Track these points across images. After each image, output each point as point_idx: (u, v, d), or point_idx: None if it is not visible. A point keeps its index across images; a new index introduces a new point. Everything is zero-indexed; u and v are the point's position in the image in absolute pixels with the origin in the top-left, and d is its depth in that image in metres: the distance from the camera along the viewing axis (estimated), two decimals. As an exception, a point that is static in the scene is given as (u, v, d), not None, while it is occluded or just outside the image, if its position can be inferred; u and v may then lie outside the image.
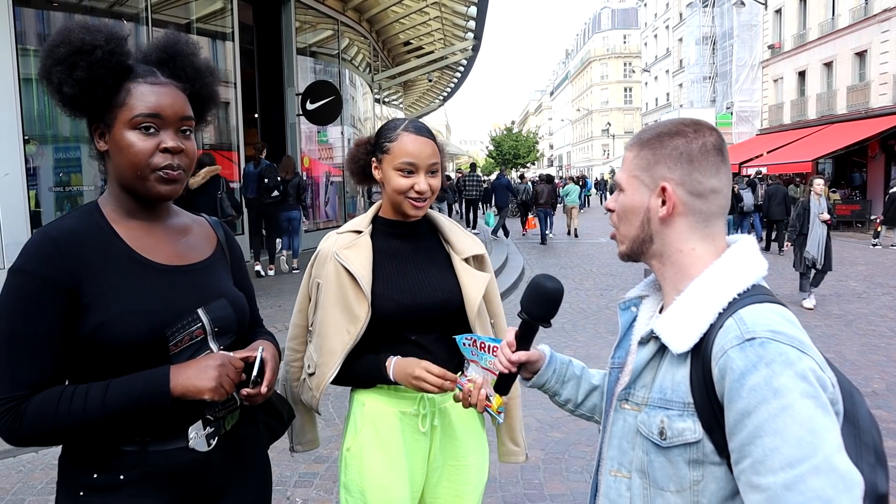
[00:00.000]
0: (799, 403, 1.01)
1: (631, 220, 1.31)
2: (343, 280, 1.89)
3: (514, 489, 4.06)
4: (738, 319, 1.11)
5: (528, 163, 59.65)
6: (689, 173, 1.24)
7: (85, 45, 1.37)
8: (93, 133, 1.47)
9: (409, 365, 1.83)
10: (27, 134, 8.56)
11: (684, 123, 1.28)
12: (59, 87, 1.39)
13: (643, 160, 1.28)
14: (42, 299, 1.34)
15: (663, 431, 1.17)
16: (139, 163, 1.41)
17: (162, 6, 11.12)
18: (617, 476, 1.28)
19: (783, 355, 1.05)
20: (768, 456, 1.01)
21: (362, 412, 1.95)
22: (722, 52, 36.30)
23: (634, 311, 1.42)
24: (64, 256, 1.37)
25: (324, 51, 16.93)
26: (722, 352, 1.09)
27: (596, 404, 1.61)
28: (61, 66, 1.37)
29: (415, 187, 1.88)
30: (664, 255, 1.29)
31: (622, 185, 1.33)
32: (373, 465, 1.91)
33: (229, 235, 1.75)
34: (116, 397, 1.35)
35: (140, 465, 1.43)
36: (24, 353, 1.33)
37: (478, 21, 19.02)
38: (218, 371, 1.40)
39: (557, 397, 1.62)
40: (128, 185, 1.47)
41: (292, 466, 4.27)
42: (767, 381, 1.03)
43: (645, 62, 58.26)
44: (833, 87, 26.87)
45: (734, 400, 1.06)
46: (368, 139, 2.02)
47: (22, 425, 1.33)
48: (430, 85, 29.35)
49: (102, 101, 1.42)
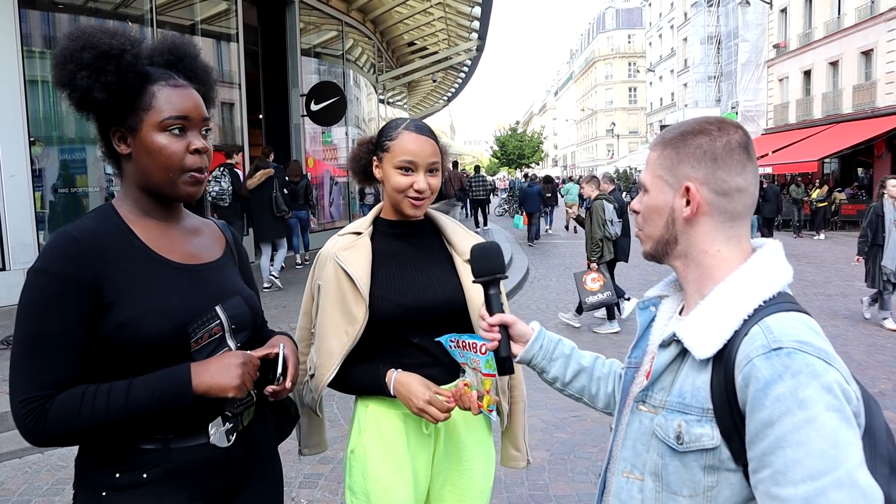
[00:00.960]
0: (823, 416, 1.00)
1: (655, 221, 1.30)
2: (342, 281, 1.89)
3: (520, 490, 4.05)
4: (765, 328, 1.10)
5: (533, 163, 59.64)
6: (714, 172, 1.22)
7: (113, 48, 1.39)
8: (111, 137, 1.47)
9: (411, 390, 1.82)
10: (33, 136, 8.60)
11: (708, 122, 1.26)
12: (86, 92, 1.38)
13: (666, 160, 1.27)
14: (66, 299, 1.35)
15: (680, 436, 1.16)
16: (172, 164, 1.45)
17: (167, 8, 11.15)
18: (629, 477, 1.27)
19: (810, 366, 1.03)
20: (790, 467, 1.00)
21: (366, 414, 1.95)
22: (727, 51, 36.22)
23: (653, 310, 1.41)
24: (87, 257, 1.38)
25: (328, 51, 16.95)
26: (747, 360, 1.08)
27: (584, 386, 1.62)
28: (87, 71, 1.37)
29: (414, 186, 1.88)
30: (688, 256, 1.27)
31: (646, 186, 1.31)
32: (377, 467, 1.90)
33: (237, 238, 1.78)
34: (139, 396, 1.36)
35: (162, 463, 1.45)
36: (47, 353, 1.34)
37: (482, 21, 19.04)
38: (241, 369, 1.43)
39: (545, 374, 1.62)
40: (154, 187, 1.48)
41: (297, 467, 4.27)
42: (793, 391, 1.02)
43: (649, 62, 58.21)
44: (839, 87, 26.79)
45: (757, 409, 1.05)
46: (371, 138, 2.02)
47: (45, 425, 1.33)
48: (435, 85, 29.38)
49: (127, 104, 1.43)
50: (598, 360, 1.66)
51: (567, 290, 10.62)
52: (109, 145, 1.49)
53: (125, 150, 1.47)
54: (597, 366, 1.64)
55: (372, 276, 1.90)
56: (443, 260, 2.01)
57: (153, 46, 1.53)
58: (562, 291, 10.81)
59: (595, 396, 1.62)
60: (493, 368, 1.68)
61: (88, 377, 1.41)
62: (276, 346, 1.57)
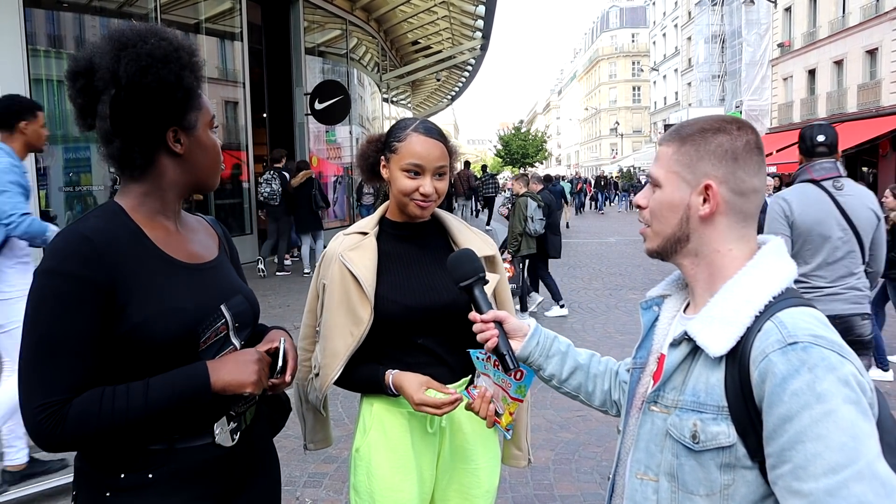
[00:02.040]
0: (842, 409, 1.01)
1: (667, 218, 1.28)
2: (347, 282, 1.89)
3: (524, 490, 4.04)
4: (779, 323, 1.10)
5: (537, 162, 59.60)
6: (734, 171, 1.21)
7: (192, 49, 1.48)
8: (165, 137, 1.46)
9: (410, 387, 1.81)
10: (37, 134, 8.58)
11: (725, 120, 1.25)
12: (191, 90, 1.45)
13: (685, 156, 1.25)
14: (79, 300, 1.32)
15: (696, 435, 1.16)
16: (219, 158, 1.59)
17: (171, 6, 11.17)
18: (643, 479, 1.26)
19: (825, 360, 1.04)
20: (810, 461, 1.01)
21: (371, 413, 1.95)
22: (731, 50, 36.14)
23: (656, 310, 1.40)
24: (101, 256, 1.36)
25: (332, 50, 16.97)
26: (763, 356, 1.08)
27: (581, 383, 1.61)
28: (189, 70, 1.44)
29: (420, 189, 1.86)
30: (699, 254, 1.26)
31: (660, 181, 1.29)
32: (381, 466, 1.90)
33: (227, 233, 1.79)
34: (158, 395, 1.35)
35: (168, 463, 1.44)
36: (62, 356, 1.32)
37: (486, 20, 19.03)
38: (258, 365, 1.46)
39: (542, 371, 1.62)
40: (203, 180, 1.57)
41: (301, 467, 4.27)
42: (810, 385, 1.02)
43: (653, 61, 58.11)
44: (844, 86, 26.71)
45: (775, 404, 1.05)
46: (379, 136, 2.01)
47: (65, 429, 1.30)
48: (439, 84, 29.39)
49: (189, 104, 1.48)
50: (593, 357, 1.66)
51: (565, 288, 10.61)
52: (150, 146, 1.45)
53: (180, 149, 1.49)
54: (592, 363, 1.64)
55: (377, 278, 1.90)
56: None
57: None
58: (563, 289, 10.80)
59: (591, 394, 1.62)
60: (522, 394, 1.69)
61: (101, 379, 1.41)
62: (276, 341, 1.59)
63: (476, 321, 1.60)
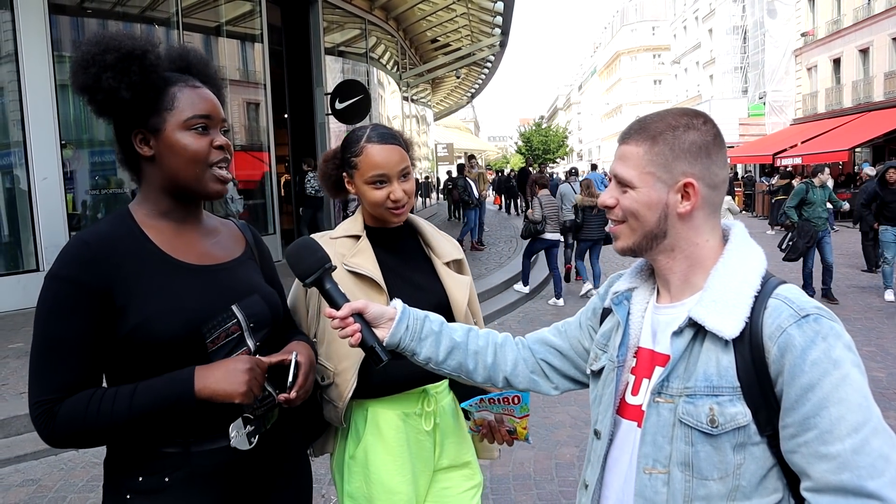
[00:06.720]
0: (853, 372, 1.10)
1: (645, 217, 1.27)
2: (355, 284, 1.85)
3: (549, 486, 4.03)
4: (784, 299, 1.16)
5: (559, 157, 59.40)
6: (708, 167, 1.25)
7: (136, 49, 1.41)
8: (132, 139, 1.48)
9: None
10: (64, 139, 8.75)
11: (688, 114, 1.28)
12: (112, 93, 1.40)
13: (658, 156, 1.25)
14: (74, 303, 1.36)
15: (714, 419, 1.16)
16: (199, 160, 1.47)
17: (192, 10, 11.27)
18: (652, 473, 1.24)
19: (833, 329, 1.12)
20: (835, 424, 1.07)
21: (364, 417, 1.91)
22: (753, 41, 35.68)
23: (627, 304, 1.40)
24: (97, 261, 1.39)
25: (351, 50, 17.01)
26: (780, 330, 1.13)
27: (461, 362, 1.55)
28: (112, 72, 1.39)
29: (390, 196, 1.86)
30: (676, 248, 1.29)
31: (633, 182, 1.27)
32: (379, 470, 1.87)
33: (257, 237, 1.78)
34: (143, 400, 1.36)
35: (184, 467, 1.44)
36: (57, 356, 1.36)
37: (505, 16, 18.93)
38: (248, 374, 1.41)
39: (416, 357, 1.53)
40: (182, 185, 1.49)
41: (326, 464, 4.28)
42: (827, 353, 1.10)
43: (675, 54, 57.54)
44: (870, 74, 26.27)
45: (798, 375, 1.10)
46: (335, 152, 1.98)
47: (55, 427, 1.35)
48: (459, 82, 29.34)
49: (150, 105, 1.45)
50: (471, 332, 1.59)
51: (564, 291, 10.53)
52: (128, 149, 1.50)
53: (148, 151, 1.48)
54: (471, 339, 1.57)
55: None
56: (423, 264, 2.00)
57: (165, 53, 1.55)
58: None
59: (473, 371, 1.57)
60: (527, 410, 1.67)
61: (111, 378, 1.43)
62: (290, 353, 1.55)
63: (333, 318, 1.47)
